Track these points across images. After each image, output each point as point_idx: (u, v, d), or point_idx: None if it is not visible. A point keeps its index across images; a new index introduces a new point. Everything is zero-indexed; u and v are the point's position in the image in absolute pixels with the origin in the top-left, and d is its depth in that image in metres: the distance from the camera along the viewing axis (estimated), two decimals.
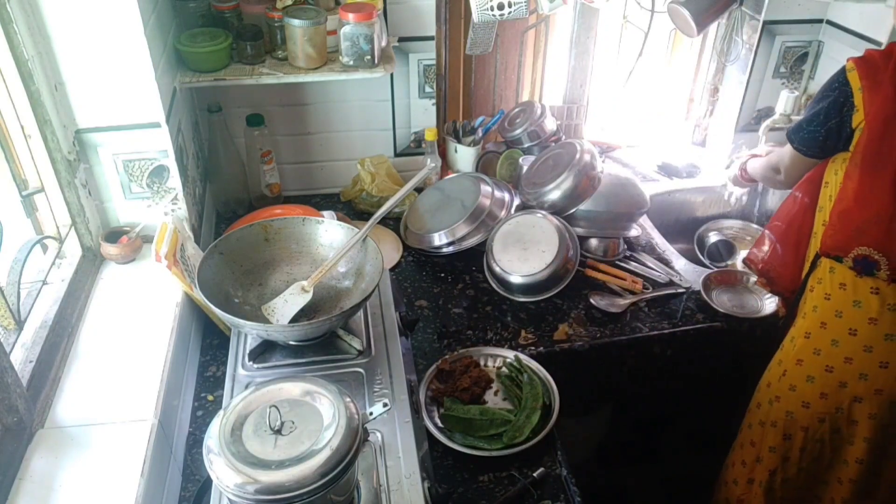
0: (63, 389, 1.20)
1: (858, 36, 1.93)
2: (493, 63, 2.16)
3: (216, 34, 1.64)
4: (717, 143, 2.35)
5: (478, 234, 1.81)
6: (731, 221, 2.23)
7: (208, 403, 1.41)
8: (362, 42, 1.63)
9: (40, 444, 1.10)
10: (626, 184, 1.90)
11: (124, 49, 1.35)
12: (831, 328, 1.43)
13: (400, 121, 2.03)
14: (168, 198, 1.56)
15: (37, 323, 1.29)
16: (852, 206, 1.38)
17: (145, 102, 1.42)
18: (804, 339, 1.47)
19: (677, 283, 1.79)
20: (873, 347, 1.39)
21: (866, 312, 1.39)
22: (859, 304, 1.39)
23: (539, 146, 2.09)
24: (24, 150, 1.36)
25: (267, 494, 0.82)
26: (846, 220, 1.40)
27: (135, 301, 1.42)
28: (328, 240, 1.42)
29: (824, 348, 1.44)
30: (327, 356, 1.26)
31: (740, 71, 2.18)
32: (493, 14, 1.71)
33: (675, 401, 1.85)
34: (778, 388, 1.53)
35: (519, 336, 1.61)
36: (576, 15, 2.15)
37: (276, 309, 1.31)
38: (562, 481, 1.28)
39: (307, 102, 1.95)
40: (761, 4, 2.03)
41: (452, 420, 1.37)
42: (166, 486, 1.17)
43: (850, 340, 1.41)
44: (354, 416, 0.90)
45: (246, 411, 0.90)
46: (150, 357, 1.28)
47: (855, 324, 1.40)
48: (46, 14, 1.30)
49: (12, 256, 1.30)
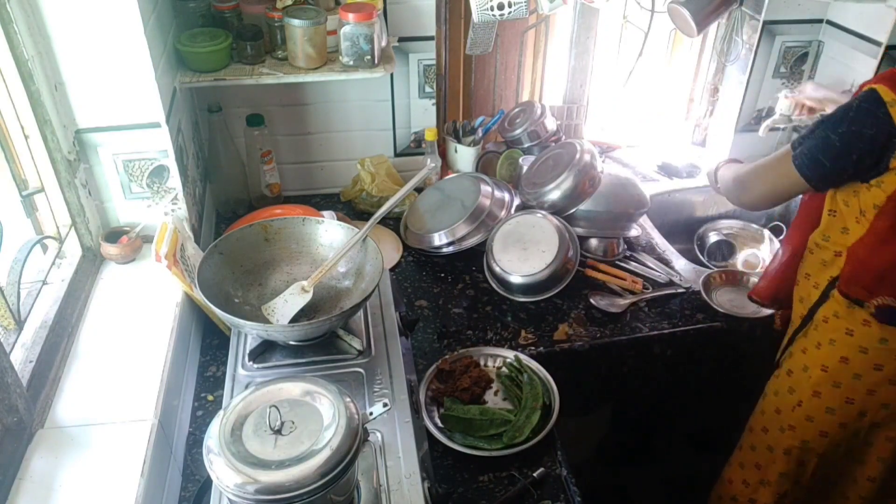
0: (63, 389, 1.20)
1: (858, 36, 1.93)
2: (493, 63, 2.16)
3: (216, 34, 1.64)
4: (717, 143, 2.35)
5: (478, 234, 1.81)
6: (731, 221, 2.23)
7: (208, 403, 1.41)
8: (362, 42, 1.63)
9: (40, 444, 1.10)
10: (626, 184, 1.90)
11: (124, 49, 1.35)
12: (854, 363, 1.38)
13: (400, 121, 2.03)
14: (168, 198, 1.56)
15: (37, 323, 1.29)
16: (875, 253, 1.30)
17: (145, 102, 1.42)
18: (821, 371, 1.42)
19: (677, 283, 1.79)
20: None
21: (893, 348, 1.34)
22: (886, 341, 1.34)
23: (539, 146, 2.09)
24: (24, 150, 1.36)
25: (267, 494, 0.82)
26: (869, 266, 1.32)
27: (135, 301, 1.42)
28: (328, 240, 1.42)
29: (845, 381, 1.40)
30: (327, 356, 1.26)
31: (740, 71, 2.18)
32: (493, 14, 1.71)
33: (675, 401, 1.85)
34: (792, 418, 1.48)
35: (519, 336, 1.61)
36: (576, 15, 2.15)
37: (276, 309, 1.31)
38: (562, 481, 1.28)
39: (307, 102, 1.95)
40: (761, 4, 2.03)
41: (452, 420, 1.37)
42: (166, 486, 1.17)
43: (874, 374, 1.37)
44: (354, 416, 0.90)
45: (246, 411, 0.90)
46: (150, 357, 1.28)
47: (881, 359, 1.36)
48: (46, 14, 1.29)
49: (12, 256, 1.30)
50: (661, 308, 1.72)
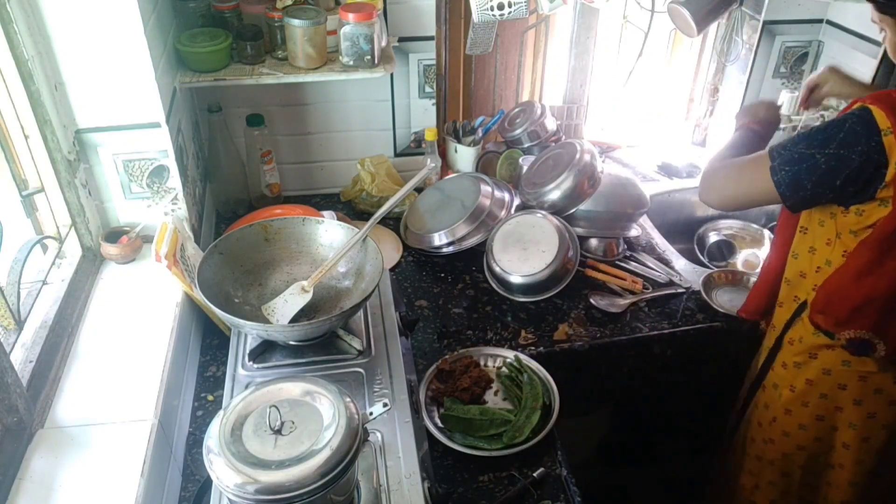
0: (63, 389, 1.20)
1: (858, 36, 1.93)
2: (493, 63, 2.16)
3: (216, 34, 1.64)
4: (717, 143, 2.35)
5: (478, 234, 1.81)
6: (731, 221, 2.23)
7: (208, 403, 1.41)
8: (362, 42, 1.63)
9: (40, 444, 1.10)
10: (626, 184, 1.90)
11: (124, 49, 1.35)
12: (819, 384, 1.39)
13: (400, 121, 2.03)
14: (168, 198, 1.56)
15: (37, 323, 1.29)
16: (852, 285, 1.24)
17: (145, 102, 1.42)
18: (790, 391, 1.43)
19: (677, 283, 1.79)
20: (863, 400, 1.37)
21: (857, 370, 1.34)
22: (848, 363, 1.35)
23: (539, 146, 2.09)
24: (24, 150, 1.36)
25: (267, 494, 0.82)
26: (843, 300, 1.27)
27: (135, 301, 1.42)
28: (328, 240, 1.42)
29: (812, 400, 1.41)
30: (327, 356, 1.26)
31: (740, 71, 2.18)
32: (493, 14, 1.71)
33: (675, 401, 1.85)
34: (770, 432, 1.50)
35: (519, 336, 1.61)
36: (576, 15, 2.15)
37: (276, 309, 1.31)
38: (562, 481, 1.28)
39: (307, 102, 1.95)
40: (761, 4, 2.03)
41: (452, 420, 1.37)
42: (166, 486, 1.17)
43: (840, 393, 1.38)
44: (354, 416, 0.90)
45: (246, 411, 0.90)
46: (150, 357, 1.28)
47: (843, 379, 1.36)
48: (46, 14, 1.29)
49: (12, 256, 1.30)
50: (661, 308, 1.72)
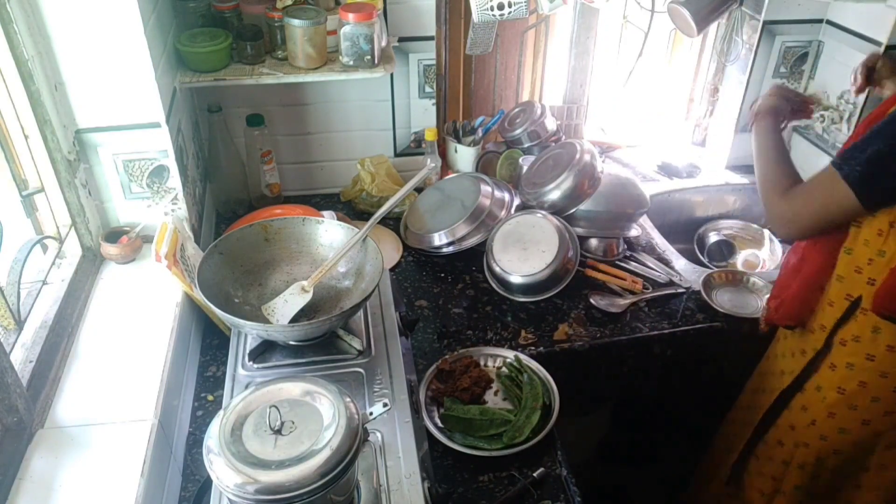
0: (63, 389, 1.20)
1: (858, 36, 1.93)
2: (493, 63, 2.16)
3: (216, 34, 1.64)
4: (717, 144, 2.35)
5: (478, 234, 1.81)
6: (731, 221, 2.23)
7: (208, 403, 1.41)
8: (362, 42, 1.63)
9: (40, 444, 1.10)
10: (626, 184, 1.90)
11: (124, 49, 1.35)
12: (872, 386, 1.36)
13: (400, 121, 2.03)
14: (168, 198, 1.56)
15: (37, 323, 1.29)
16: None
17: (145, 102, 1.42)
18: (837, 393, 1.40)
19: (677, 283, 1.79)
20: None
21: None
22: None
23: (539, 146, 2.09)
24: (23, 150, 1.36)
25: (267, 494, 0.82)
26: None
27: (135, 301, 1.42)
28: (328, 240, 1.42)
29: (862, 404, 1.38)
30: (327, 356, 1.26)
31: (740, 71, 2.18)
32: (493, 14, 1.71)
33: (675, 401, 1.85)
34: (806, 436, 1.47)
35: (519, 336, 1.61)
36: (576, 15, 2.15)
37: (276, 309, 1.31)
38: (562, 481, 1.28)
39: (307, 102, 1.95)
40: (761, 4, 2.03)
41: (452, 420, 1.37)
42: (166, 486, 1.17)
43: (893, 396, 1.36)
44: (354, 416, 0.90)
45: (246, 411, 0.90)
46: (149, 357, 1.28)
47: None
48: (46, 14, 1.29)
49: (12, 256, 1.30)
50: (661, 308, 1.72)
